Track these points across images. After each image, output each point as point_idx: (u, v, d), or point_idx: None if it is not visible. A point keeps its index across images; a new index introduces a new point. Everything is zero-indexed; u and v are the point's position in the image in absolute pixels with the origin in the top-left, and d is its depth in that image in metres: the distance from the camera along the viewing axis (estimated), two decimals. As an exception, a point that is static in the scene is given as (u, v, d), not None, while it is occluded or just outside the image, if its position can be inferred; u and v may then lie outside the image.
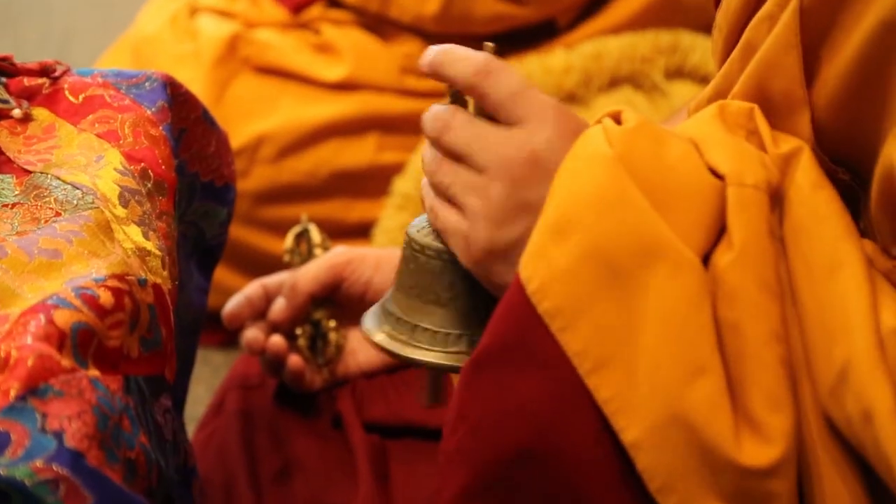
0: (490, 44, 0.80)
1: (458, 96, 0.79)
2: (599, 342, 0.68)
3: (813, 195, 0.71)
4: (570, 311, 0.69)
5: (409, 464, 1.04)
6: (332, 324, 1.08)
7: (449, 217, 0.78)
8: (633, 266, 0.68)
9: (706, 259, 0.69)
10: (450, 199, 0.78)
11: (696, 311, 0.67)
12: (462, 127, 0.77)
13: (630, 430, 0.67)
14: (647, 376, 0.67)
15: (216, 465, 1.06)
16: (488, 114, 0.77)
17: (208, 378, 1.50)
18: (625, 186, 0.69)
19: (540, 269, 0.69)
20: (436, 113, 0.78)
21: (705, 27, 1.58)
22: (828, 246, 0.69)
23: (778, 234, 0.70)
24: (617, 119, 0.74)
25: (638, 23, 1.57)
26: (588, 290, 0.69)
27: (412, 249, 0.83)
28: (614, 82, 1.42)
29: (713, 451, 0.66)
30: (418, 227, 0.83)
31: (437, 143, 0.79)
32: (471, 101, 0.80)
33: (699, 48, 1.45)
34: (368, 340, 0.85)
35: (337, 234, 1.32)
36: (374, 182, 1.57)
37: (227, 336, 1.13)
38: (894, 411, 0.64)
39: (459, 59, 0.77)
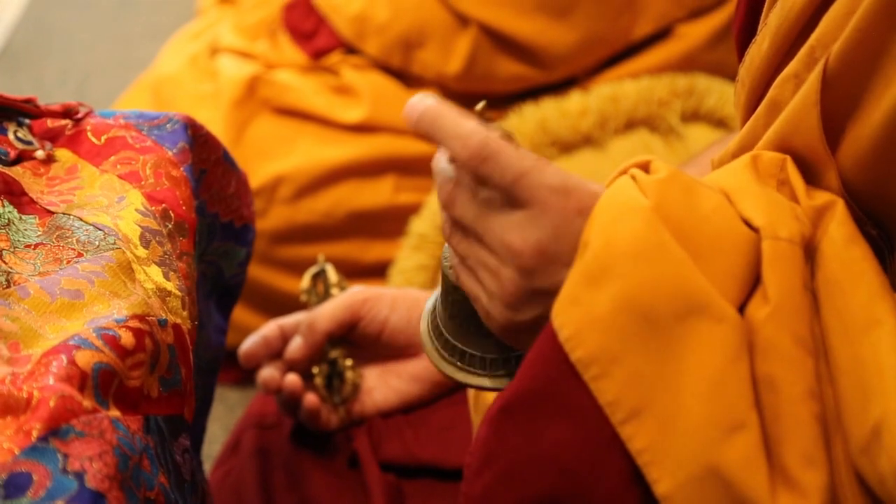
0: (480, 105, 0.77)
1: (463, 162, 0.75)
2: (634, 392, 0.68)
3: (847, 250, 0.71)
4: (604, 359, 0.68)
5: (424, 502, 1.03)
6: (349, 363, 1.08)
7: (470, 284, 0.78)
8: (671, 317, 0.68)
9: (741, 311, 0.69)
10: (469, 267, 0.78)
11: (734, 365, 0.67)
12: (465, 205, 0.76)
13: (663, 482, 0.67)
14: (682, 429, 0.67)
15: (232, 504, 1.05)
16: (492, 180, 0.74)
17: (224, 416, 1.50)
18: (662, 236, 0.69)
19: (573, 317, 0.69)
20: (441, 180, 0.77)
21: (721, 72, 1.61)
22: (863, 303, 0.69)
23: (811, 286, 0.70)
24: (645, 168, 0.74)
25: (656, 72, 1.57)
26: (624, 339, 0.68)
27: (449, 282, 0.82)
28: (630, 124, 1.41)
29: (746, 500, 0.66)
30: (449, 262, 0.82)
31: (447, 211, 0.78)
32: None
33: (715, 92, 1.44)
34: (427, 356, 0.85)
35: (353, 273, 1.33)
36: (390, 223, 1.56)
37: (244, 374, 1.13)
38: None
39: (454, 135, 0.74)
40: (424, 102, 0.76)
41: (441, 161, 0.77)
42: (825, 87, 0.72)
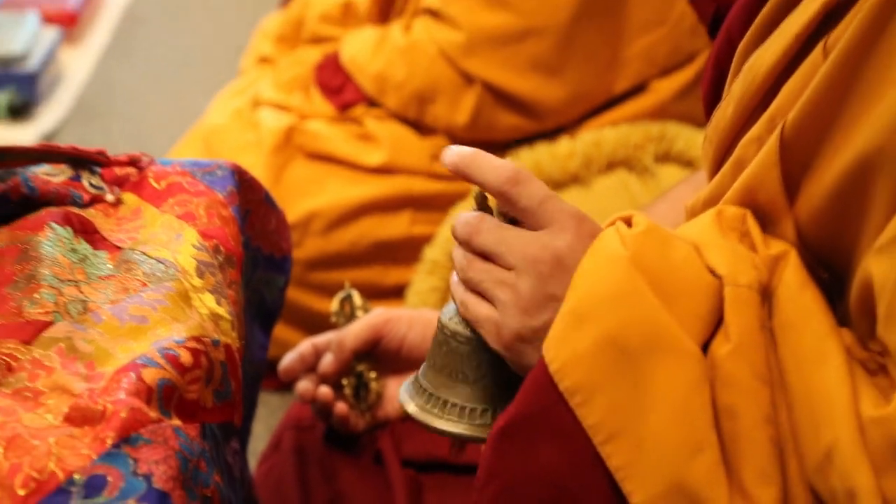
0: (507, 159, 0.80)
1: (483, 203, 0.78)
2: (612, 417, 0.68)
3: (800, 294, 0.71)
4: (587, 389, 0.69)
5: (440, 494, 1.04)
6: (373, 375, 1.08)
7: (480, 308, 0.77)
8: (643, 353, 0.68)
9: (705, 347, 0.69)
10: (481, 293, 0.77)
11: (696, 394, 0.68)
12: (490, 231, 0.76)
13: (637, 495, 0.67)
14: (653, 449, 0.68)
15: (274, 497, 1.06)
16: (511, 217, 0.76)
17: (266, 418, 1.50)
18: (637, 283, 0.70)
19: (561, 353, 0.69)
20: (465, 219, 0.77)
21: (688, 119, 1.62)
22: (814, 341, 0.69)
23: (768, 326, 0.70)
24: (628, 222, 0.74)
25: (632, 121, 1.59)
26: (603, 371, 0.69)
27: (444, 335, 0.82)
28: (611, 165, 1.43)
29: None
30: (449, 315, 0.82)
31: (467, 245, 0.78)
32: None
33: (683, 137, 1.46)
34: (403, 411, 0.85)
35: (375, 296, 1.32)
36: (407, 251, 1.57)
37: (283, 381, 1.13)
38: (875, 491, 0.64)
39: (489, 167, 0.76)
40: (460, 148, 0.78)
41: (461, 215, 0.78)
42: (783, 149, 0.73)
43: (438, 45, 1.65)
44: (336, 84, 1.75)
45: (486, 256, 0.76)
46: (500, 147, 1.65)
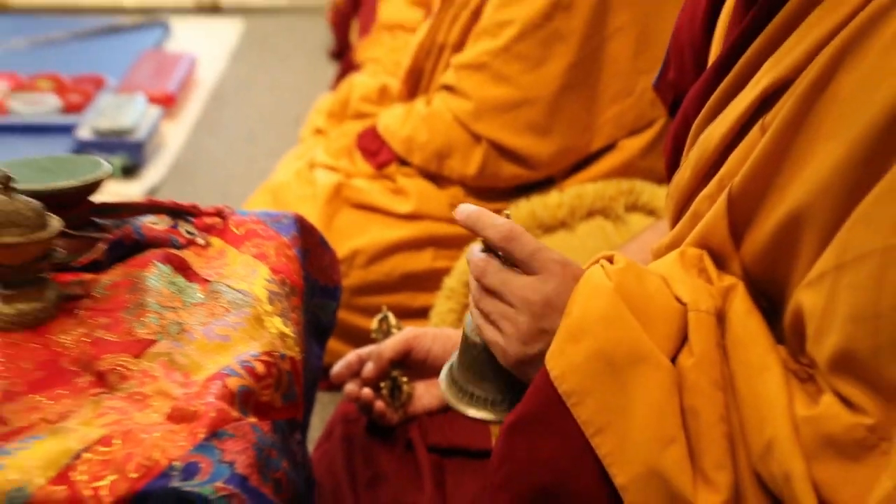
0: (507, 211, 0.79)
1: (489, 247, 0.77)
2: (601, 415, 0.68)
3: (747, 318, 0.71)
4: (580, 392, 0.68)
5: (459, 475, 1.02)
6: (405, 379, 1.07)
7: (491, 333, 0.78)
8: (626, 365, 0.68)
9: (674, 359, 0.69)
10: (491, 321, 0.77)
11: (668, 398, 0.67)
12: (494, 274, 0.76)
13: (620, 477, 0.67)
14: (634, 441, 0.67)
15: (327, 476, 1.05)
16: (513, 258, 0.76)
17: (320, 412, 1.49)
18: (620, 309, 0.69)
19: (560, 363, 0.69)
20: (475, 260, 0.77)
21: (651, 174, 1.62)
22: (758, 355, 0.69)
23: (722, 343, 0.70)
24: (610, 260, 0.74)
25: (607, 176, 1.61)
26: (594, 379, 0.68)
27: (467, 343, 0.82)
28: (591, 213, 1.44)
29: (679, 496, 0.66)
30: (471, 327, 0.82)
31: (478, 281, 0.78)
32: None
33: (647, 191, 1.46)
34: (444, 399, 0.86)
35: (405, 316, 1.32)
36: (430, 281, 1.57)
37: (334, 383, 1.13)
38: (806, 475, 0.63)
39: (490, 225, 0.76)
40: (469, 207, 0.78)
41: (474, 251, 0.78)
42: (730, 205, 0.73)
43: (453, 113, 1.66)
44: (374, 148, 1.76)
45: (493, 294, 0.76)
46: (503, 192, 1.68)
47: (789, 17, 0.72)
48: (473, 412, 0.81)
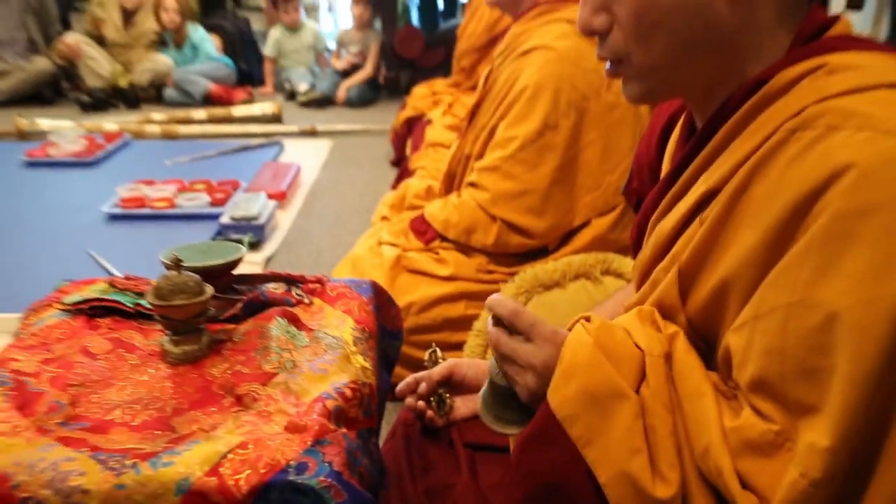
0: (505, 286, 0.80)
1: (499, 320, 0.76)
2: (588, 433, 0.67)
3: (687, 356, 0.70)
4: (573, 417, 0.68)
5: (486, 464, 1.01)
6: (448, 395, 1.05)
7: (512, 378, 0.77)
8: (605, 397, 0.67)
9: (637, 389, 0.69)
10: (509, 376, 0.78)
11: (634, 420, 0.67)
12: (505, 344, 0.76)
13: (602, 476, 0.66)
14: (611, 451, 0.67)
15: (392, 465, 1.03)
16: (517, 329, 0.75)
17: (387, 418, 1.46)
18: (598, 357, 0.69)
19: (557, 396, 0.69)
20: (491, 332, 0.77)
21: (617, 244, 1.62)
22: (695, 384, 0.68)
23: (670, 376, 0.69)
24: (588, 319, 0.73)
25: (587, 249, 1.59)
26: (583, 407, 0.68)
27: (494, 384, 0.82)
28: (577, 276, 1.41)
29: (643, 490, 0.65)
30: (495, 372, 0.81)
31: (494, 349, 0.77)
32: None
33: (616, 260, 1.43)
34: (475, 416, 0.87)
35: (447, 348, 1.31)
36: (464, 324, 1.54)
37: (398, 397, 1.12)
38: (732, 469, 0.63)
39: (501, 305, 0.76)
40: (493, 296, 0.78)
41: (489, 324, 0.78)
42: (680, 275, 0.73)
43: (476, 201, 1.66)
44: (422, 230, 1.76)
45: (506, 357, 0.77)
46: (513, 259, 1.67)
47: (715, 147, 0.72)
48: (500, 429, 0.82)
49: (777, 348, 0.61)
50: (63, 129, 3.60)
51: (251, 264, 2.31)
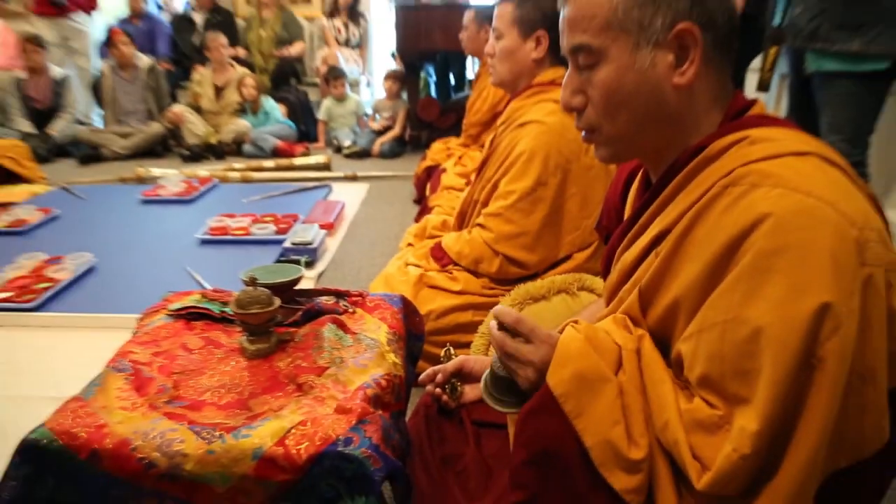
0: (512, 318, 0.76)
1: (503, 326, 0.75)
2: (578, 406, 0.66)
3: (652, 353, 0.69)
4: (566, 394, 0.66)
5: (488, 438, 0.99)
6: (459, 384, 1.04)
7: (514, 374, 0.75)
8: (594, 380, 0.66)
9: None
10: (512, 370, 0.76)
11: (615, 399, 0.65)
12: (509, 346, 0.74)
13: (587, 441, 0.65)
14: (596, 422, 0.65)
15: (415, 438, 1.03)
16: (518, 333, 0.74)
17: (410, 400, 1.46)
18: (587, 348, 0.68)
19: (554, 378, 0.67)
20: (496, 335, 0.75)
21: (591, 269, 1.58)
22: (658, 373, 0.67)
23: (639, 367, 0.68)
24: (576, 322, 0.73)
25: (567, 273, 1.55)
26: (575, 387, 0.66)
27: (495, 374, 0.80)
28: (559, 291, 1.38)
29: (620, 452, 0.64)
30: (497, 365, 0.79)
31: (499, 349, 0.75)
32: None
33: (589, 279, 1.40)
34: (480, 399, 0.82)
35: (458, 347, 1.30)
36: (471, 328, 1.50)
37: (420, 385, 1.10)
38: (686, 441, 0.62)
39: (506, 314, 0.74)
40: (497, 307, 0.76)
41: (494, 328, 0.75)
42: (640, 296, 0.72)
43: (483, 239, 1.63)
44: (440, 255, 1.72)
45: (510, 356, 0.74)
46: (510, 281, 1.63)
47: (666, 197, 0.72)
48: (501, 408, 0.80)
49: (717, 354, 0.61)
50: (169, 175, 3.63)
51: (307, 279, 2.29)
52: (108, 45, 4.40)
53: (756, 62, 2.19)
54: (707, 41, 0.66)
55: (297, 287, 1.14)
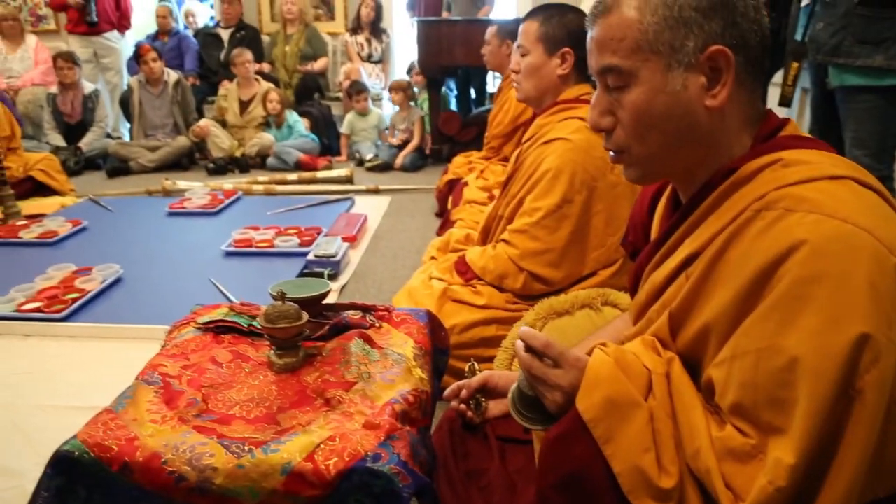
0: (541, 338, 0.76)
1: (531, 348, 0.74)
2: (607, 432, 0.65)
3: (681, 377, 0.68)
4: (596, 419, 0.66)
5: (513, 453, 0.99)
6: (483, 399, 1.04)
7: (542, 396, 0.75)
8: (623, 404, 0.65)
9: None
10: (540, 392, 0.75)
11: (646, 425, 0.65)
12: (537, 368, 0.73)
13: (616, 467, 0.64)
14: (625, 448, 0.64)
15: (439, 452, 1.02)
16: (547, 357, 0.73)
17: (434, 415, 1.46)
18: (617, 372, 0.67)
19: (584, 402, 0.67)
20: (523, 357, 0.74)
21: (615, 285, 1.55)
22: (689, 398, 0.66)
23: (669, 391, 0.67)
24: (604, 345, 0.72)
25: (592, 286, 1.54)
26: (605, 412, 0.66)
27: (523, 392, 0.79)
28: (582, 306, 1.36)
29: (649, 481, 0.63)
30: (524, 384, 0.78)
31: (527, 371, 0.75)
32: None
33: (613, 294, 1.37)
34: (512, 416, 0.82)
35: (481, 362, 1.30)
36: (495, 342, 1.48)
37: (445, 399, 1.10)
38: (718, 469, 0.61)
39: (533, 338, 0.73)
40: (524, 328, 0.75)
41: (520, 349, 0.74)
42: (671, 318, 0.71)
43: (508, 255, 1.62)
44: (464, 270, 1.72)
45: (537, 378, 0.74)
46: (535, 297, 1.61)
47: (697, 218, 0.71)
48: (527, 425, 0.79)
49: (751, 382, 0.60)
50: (195, 188, 3.70)
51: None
52: (138, 61, 4.50)
53: (777, 76, 2.17)
54: (739, 63, 0.66)
55: (324, 302, 1.15)
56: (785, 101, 2.02)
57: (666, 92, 0.67)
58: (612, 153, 0.75)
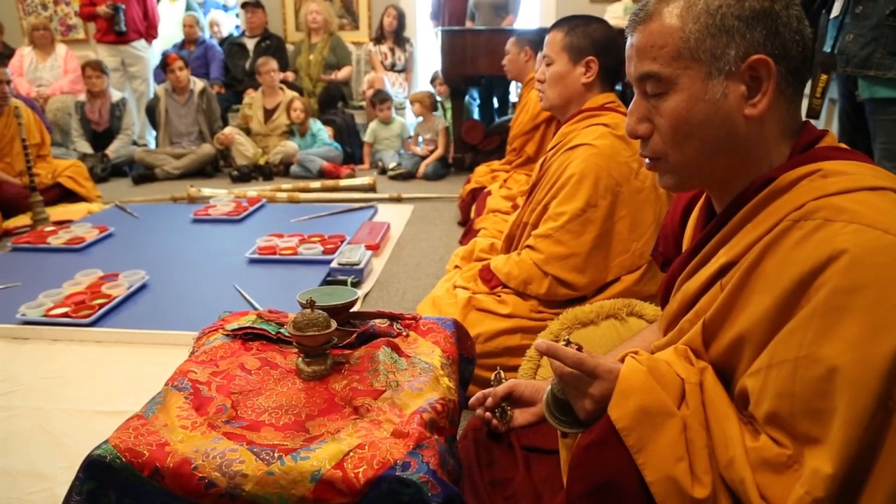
0: (568, 337, 0.77)
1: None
2: (640, 441, 0.65)
3: (715, 386, 0.68)
4: (629, 428, 0.65)
5: (538, 463, 0.98)
6: (509, 408, 1.04)
7: (573, 402, 0.75)
8: (656, 413, 0.65)
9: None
10: (572, 397, 0.75)
11: (679, 434, 0.64)
12: (567, 375, 0.73)
13: (648, 476, 0.64)
14: (657, 457, 0.64)
15: (465, 460, 1.02)
16: (582, 371, 0.72)
17: (461, 424, 1.46)
18: (650, 381, 0.67)
19: (616, 411, 0.67)
20: (554, 364, 0.74)
21: (639, 293, 1.56)
22: (723, 408, 0.66)
23: (702, 400, 0.67)
24: (637, 353, 0.71)
25: (616, 297, 1.54)
26: (637, 421, 0.65)
27: (555, 396, 0.79)
28: (608, 317, 1.36)
29: (682, 490, 0.62)
30: (557, 388, 0.78)
31: (559, 376, 0.74)
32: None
33: (638, 305, 1.37)
34: (547, 420, 0.81)
35: (508, 369, 1.29)
36: (519, 351, 1.49)
37: (471, 408, 1.10)
38: (753, 480, 0.61)
39: (561, 353, 0.73)
40: (545, 341, 0.75)
41: (555, 363, 0.74)
42: (704, 328, 0.70)
43: (533, 260, 1.62)
44: (488, 278, 1.72)
45: (568, 384, 0.74)
46: (558, 304, 1.62)
47: (732, 227, 0.71)
48: (561, 427, 0.79)
49: (787, 392, 0.60)
50: (219, 195, 3.77)
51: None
52: (164, 69, 4.59)
53: (805, 88, 2.14)
54: (780, 72, 0.66)
55: (353, 310, 1.16)
56: (813, 113, 1.99)
57: (705, 100, 0.67)
58: (647, 160, 0.75)
